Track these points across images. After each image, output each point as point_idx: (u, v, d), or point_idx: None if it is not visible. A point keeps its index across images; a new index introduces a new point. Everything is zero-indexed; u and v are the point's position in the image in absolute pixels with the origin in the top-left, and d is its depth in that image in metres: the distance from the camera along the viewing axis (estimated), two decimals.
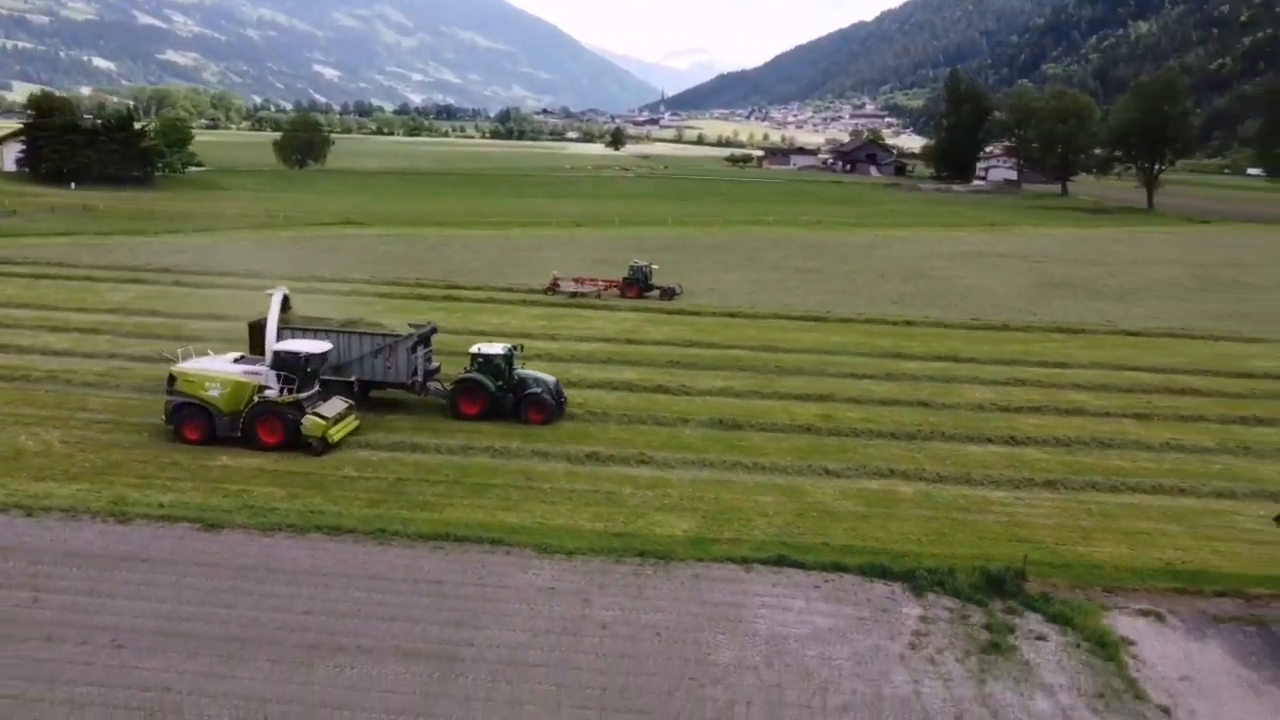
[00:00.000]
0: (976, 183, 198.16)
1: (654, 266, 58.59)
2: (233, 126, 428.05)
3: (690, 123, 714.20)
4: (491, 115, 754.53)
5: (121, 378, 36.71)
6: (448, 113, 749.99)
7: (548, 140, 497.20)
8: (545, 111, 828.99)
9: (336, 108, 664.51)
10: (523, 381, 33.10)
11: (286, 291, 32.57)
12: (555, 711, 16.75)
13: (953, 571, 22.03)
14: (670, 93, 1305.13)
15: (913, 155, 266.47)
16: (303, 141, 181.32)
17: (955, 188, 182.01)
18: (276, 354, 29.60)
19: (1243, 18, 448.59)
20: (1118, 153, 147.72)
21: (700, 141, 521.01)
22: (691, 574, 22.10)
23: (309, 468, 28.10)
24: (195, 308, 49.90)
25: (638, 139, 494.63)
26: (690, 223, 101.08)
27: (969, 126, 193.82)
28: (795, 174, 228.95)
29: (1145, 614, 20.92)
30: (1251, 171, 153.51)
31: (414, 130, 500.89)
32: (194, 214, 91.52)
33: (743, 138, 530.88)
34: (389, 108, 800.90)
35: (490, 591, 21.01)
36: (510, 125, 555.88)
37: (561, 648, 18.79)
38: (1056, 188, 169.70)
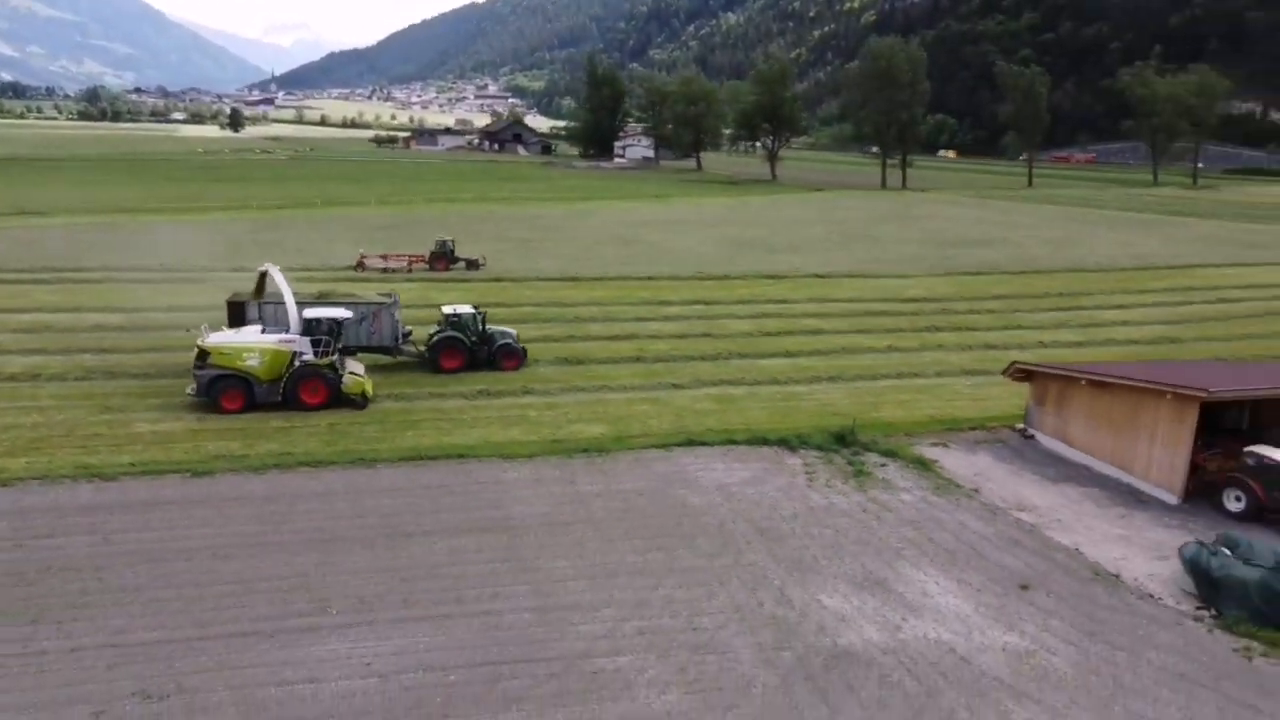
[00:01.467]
0: (619, 160, 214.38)
1: (454, 240, 62.61)
2: None
3: (308, 103, 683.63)
4: (70, 94, 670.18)
5: None
6: (13, 90, 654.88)
7: (150, 122, 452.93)
8: (139, 90, 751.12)
9: None
10: (491, 335, 37.62)
11: (277, 269, 34.44)
12: (611, 543, 22.64)
13: (809, 435, 30.42)
14: (277, 71, 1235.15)
15: (551, 135, 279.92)
16: None
17: (604, 164, 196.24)
18: (309, 321, 32.17)
19: (811, 13, 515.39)
20: (744, 131, 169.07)
21: (324, 123, 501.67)
22: (631, 459, 28.51)
23: (237, 424, 30.60)
24: None
25: (255, 120, 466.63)
26: (391, 203, 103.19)
27: (609, 108, 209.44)
28: (448, 154, 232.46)
29: (935, 445, 30.66)
30: (873, 149, 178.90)
31: None
32: None
33: (368, 118, 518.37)
34: None
35: (491, 486, 26.04)
36: (103, 105, 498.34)
37: (580, 512, 24.54)
38: (690, 164, 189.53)
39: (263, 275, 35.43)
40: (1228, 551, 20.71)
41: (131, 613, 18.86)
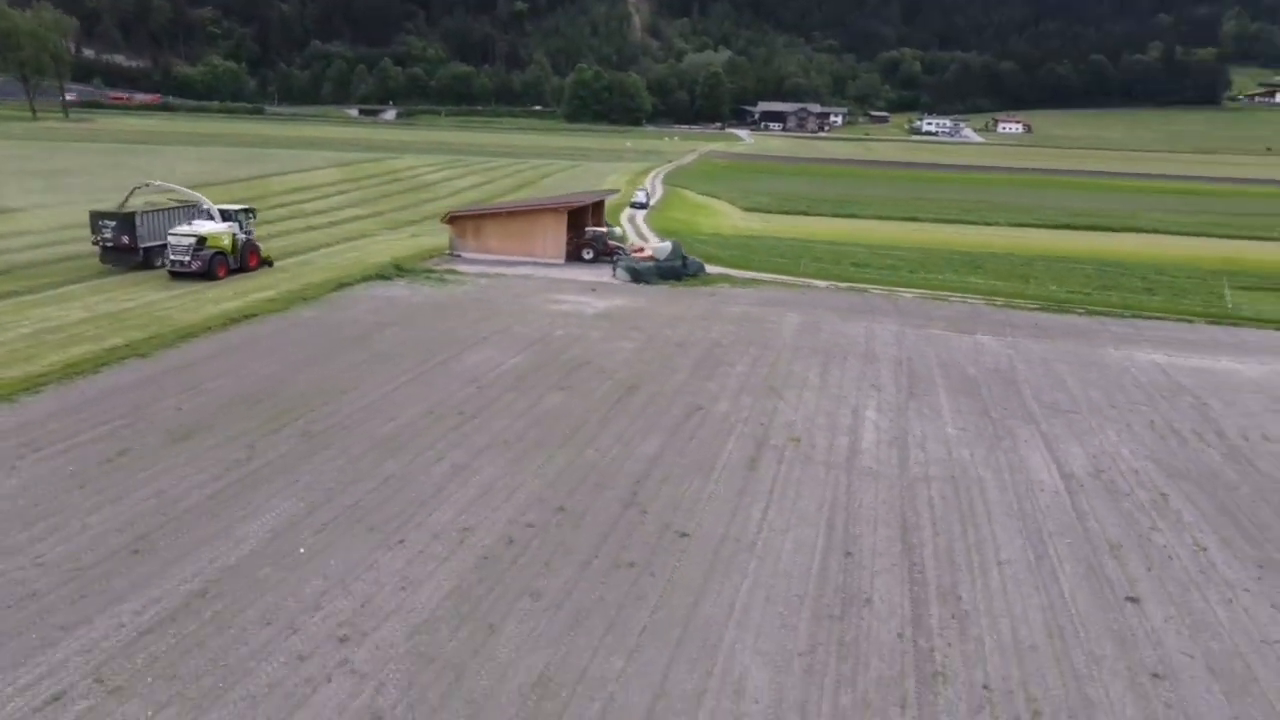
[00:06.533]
0: None
1: None
2: None
3: None
4: None
5: None
6: None
7: None
8: None
9: None
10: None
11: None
12: (448, 316, 40.06)
13: (384, 270, 48.60)
14: None
15: None
16: None
17: None
18: (227, 213, 44.44)
19: None
20: None
21: None
22: (336, 297, 42.99)
23: (48, 333, 34.15)
24: None
25: None
26: None
27: None
28: None
29: (429, 266, 51.82)
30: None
31: None
32: None
33: None
34: None
35: (303, 319, 38.88)
36: None
37: (397, 313, 40.33)
38: None
39: (132, 191, 44.26)
40: (633, 262, 50.61)
41: (364, 390, 30.83)
